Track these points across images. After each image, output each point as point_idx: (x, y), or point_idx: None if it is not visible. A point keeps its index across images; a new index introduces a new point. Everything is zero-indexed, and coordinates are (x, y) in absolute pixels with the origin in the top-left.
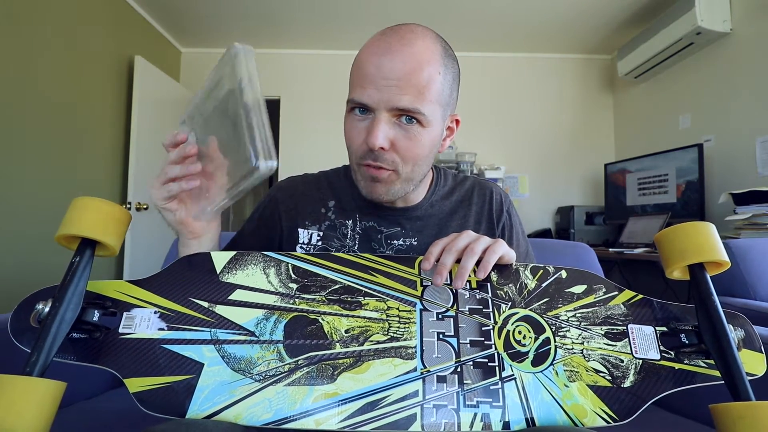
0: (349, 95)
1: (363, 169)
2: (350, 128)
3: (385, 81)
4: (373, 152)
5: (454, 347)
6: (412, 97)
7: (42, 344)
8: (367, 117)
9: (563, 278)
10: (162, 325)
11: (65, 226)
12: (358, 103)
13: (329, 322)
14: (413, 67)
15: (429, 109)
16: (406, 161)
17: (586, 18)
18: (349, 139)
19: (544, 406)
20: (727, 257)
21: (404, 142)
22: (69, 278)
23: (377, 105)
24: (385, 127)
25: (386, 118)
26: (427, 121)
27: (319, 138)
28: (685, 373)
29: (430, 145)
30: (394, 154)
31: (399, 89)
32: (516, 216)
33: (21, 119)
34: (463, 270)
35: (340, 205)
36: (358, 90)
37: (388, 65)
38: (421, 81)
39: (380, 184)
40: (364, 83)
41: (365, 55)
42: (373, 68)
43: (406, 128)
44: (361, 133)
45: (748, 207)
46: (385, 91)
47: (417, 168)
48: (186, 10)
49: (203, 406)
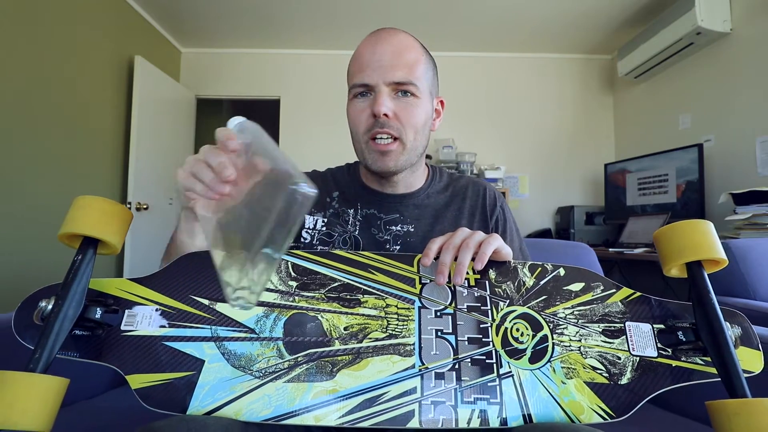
0: (350, 84)
1: (371, 144)
2: (354, 111)
3: (380, 62)
4: (379, 120)
5: (452, 344)
6: (404, 72)
7: (45, 341)
8: (368, 98)
9: (561, 276)
10: (163, 323)
11: (67, 224)
12: (359, 84)
13: (328, 320)
14: (402, 49)
15: (419, 82)
16: (407, 128)
17: (586, 18)
18: (354, 121)
19: (541, 402)
20: (724, 255)
21: (404, 111)
22: (71, 276)
23: (376, 81)
24: (387, 98)
25: (386, 92)
26: (420, 92)
27: (319, 138)
28: (682, 370)
29: (425, 116)
30: (396, 122)
31: (392, 66)
32: (509, 212)
33: (21, 119)
34: (460, 266)
35: (343, 196)
36: (358, 75)
37: (381, 49)
38: (410, 60)
39: (388, 156)
40: (362, 68)
41: (360, 50)
42: (368, 54)
43: (403, 100)
44: (365, 110)
45: (748, 207)
46: (381, 69)
47: (417, 137)
48: (186, 10)
49: (204, 402)
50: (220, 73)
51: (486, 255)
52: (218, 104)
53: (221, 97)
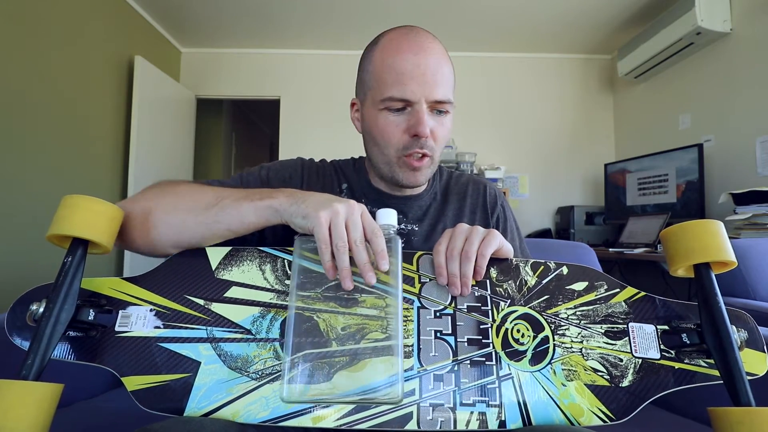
0: (382, 94)
1: (405, 160)
2: (386, 125)
3: (423, 76)
4: (420, 141)
5: (451, 345)
6: (444, 89)
7: (37, 347)
8: (404, 112)
9: (564, 274)
10: (158, 323)
11: (55, 225)
12: (399, 99)
13: (325, 320)
14: (442, 63)
15: (453, 98)
16: (439, 146)
17: (586, 18)
18: (386, 135)
19: (541, 405)
20: (734, 257)
21: (439, 129)
22: (62, 279)
23: (419, 98)
24: (428, 117)
25: (426, 109)
26: (452, 109)
27: (319, 138)
28: (684, 372)
29: (451, 129)
30: (432, 141)
31: (435, 84)
32: (510, 211)
33: (21, 119)
34: (465, 279)
35: (350, 189)
36: (398, 87)
37: (424, 62)
38: (447, 74)
39: (419, 172)
40: (403, 80)
41: (395, 54)
42: (410, 65)
43: (439, 118)
44: (401, 126)
45: (748, 207)
46: (425, 86)
47: (441, 151)
48: (186, 10)
49: (201, 404)
50: (220, 73)
51: (485, 259)
52: (218, 104)
53: (221, 97)
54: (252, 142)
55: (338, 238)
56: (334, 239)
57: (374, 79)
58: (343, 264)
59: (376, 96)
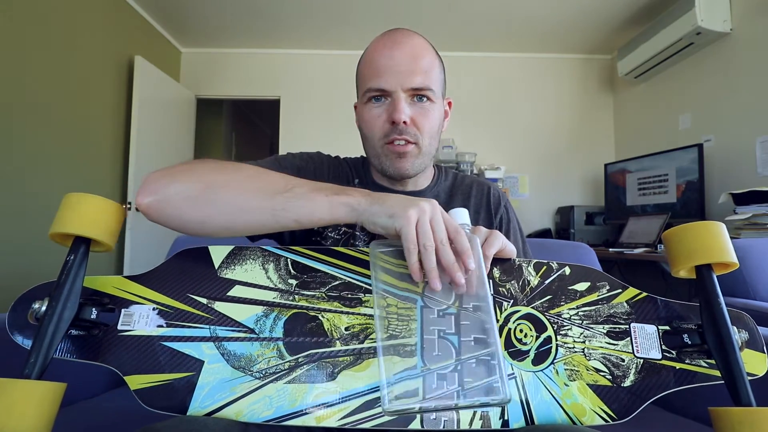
0: (364, 87)
1: (388, 147)
2: (369, 116)
3: (398, 67)
4: (398, 127)
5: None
6: (422, 77)
7: (40, 345)
8: (384, 102)
9: (566, 275)
10: (161, 322)
11: (58, 224)
12: (376, 89)
13: (329, 320)
14: (418, 54)
15: (435, 86)
16: (423, 134)
17: (586, 18)
18: (370, 125)
19: (544, 404)
20: (736, 258)
21: (420, 116)
22: (64, 277)
23: (395, 87)
24: (405, 104)
25: (404, 98)
26: (435, 97)
27: (319, 138)
28: (686, 372)
29: (439, 119)
30: (413, 128)
31: (411, 72)
32: (513, 213)
33: (21, 119)
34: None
35: (362, 185)
36: (375, 79)
37: (399, 54)
38: (426, 64)
39: (405, 159)
40: (379, 72)
41: (374, 52)
42: (385, 59)
43: (419, 105)
44: (381, 115)
45: (748, 207)
46: (400, 75)
47: (431, 141)
48: (186, 10)
49: (204, 403)
50: (220, 73)
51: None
52: (218, 104)
53: (221, 97)
54: (252, 142)
55: (426, 237)
56: (422, 239)
57: (359, 77)
58: (430, 264)
59: (361, 91)
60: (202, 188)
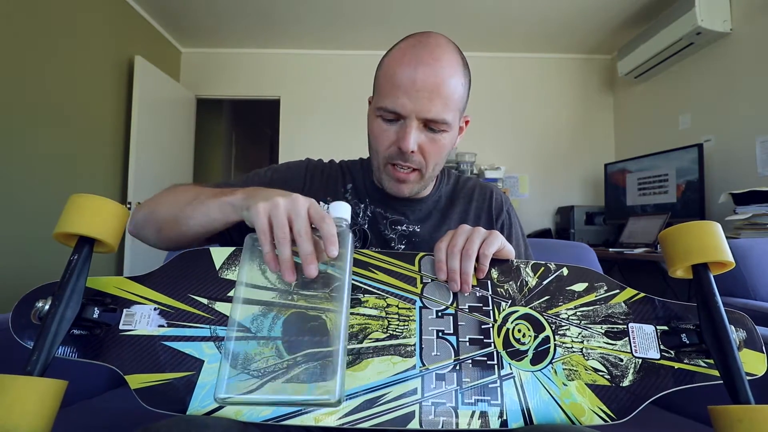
0: (378, 102)
1: (389, 169)
2: (378, 131)
3: (416, 92)
4: (404, 155)
5: (453, 345)
6: (440, 107)
7: (42, 343)
8: (395, 123)
9: (564, 275)
10: (162, 322)
11: (63, 224)
12: (390, 111)
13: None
14: (442, 80)
15: (452, 116)
16: (429, 162)
17: (586, 18)
18: (377, 140)
19: (542, 404)
20: (731, 258)
21: (430, 146)
22: (68, 276)
23: (409, 114)
24: (416, 133)
25: (416, 126)
26: (450, 127)
27: (319, 138)
28: (684, 372)
29: (449, 145)
30: (420, 156)
31: (429, 101)
32: (516, 217)
33: (21, 119)
34: (465, 275)
35: (355, 189)
36: (391, 98)
37: (421, 77)
38: (448, 92)
39: (404, 185)
40: (397, 92)
41: (396, 65)
42: (405, 79)
43: (431, 135)
44: (390, 136)
45: (748, 207)
46: (417, 102)
47: (436, 167)
48: (186, 10)
49: (204, 402)
50: (220, 73)
51: (487, 258)
52: (218, 104)
53: (221, 97)
54: (252, 142)
55: (278, 228)
56: (275, 230)
57: (377, 85)
58: (283, 255)
59: (375, 102)
60: (149, 212)
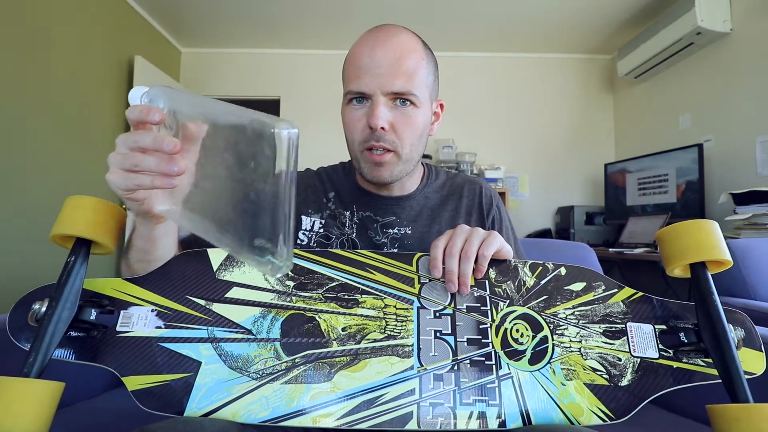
0: (345, 88)
1: (366, 154)
2: (350, 118)
3: (378, 69)
4: (375, 133)
5: (451, 345)
6: (403, 80)
7: (39, 345)
8: (365, 105)
9: (562, 275)
10: (159, 324)
11: (59, 225)
12: (356, 92)
13: (326, 320)
14: (402, 55)
15: (419, 90)
16: (404, 141)
17: (586, 18)
18: (350, 128)
19: (541, 404)
20: (729, 256)
21: (401, 122)
22: (64, 278)
23: (374, 91)
24: (384, 109)
25: (383, 102)
26: (419, 102)
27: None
28: (683, 371)
29: (423, 125)
30: (393, 135)
31: (392, 75)
32: (505, 212)
33: (21, 119)
34: (464, 277)
35: (339, 197)
36: (355, 81)
37: (380, 54)
38: (410, 66)
39: (383, 168)
40: (359, 74)
41: (356, 50)
42: (366, 59)
43: (401, 110)
44: (361, 119)
45: (748, 207)
46: (380, 78)
47: (414, 148)
48: (186, 10)
49: (201, 404)
50: (220, 73)
51: (486, 259)
52: None
53: (221, 97)
54: None
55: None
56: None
57: (343, 76)
58: None
59: (344, 91)
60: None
